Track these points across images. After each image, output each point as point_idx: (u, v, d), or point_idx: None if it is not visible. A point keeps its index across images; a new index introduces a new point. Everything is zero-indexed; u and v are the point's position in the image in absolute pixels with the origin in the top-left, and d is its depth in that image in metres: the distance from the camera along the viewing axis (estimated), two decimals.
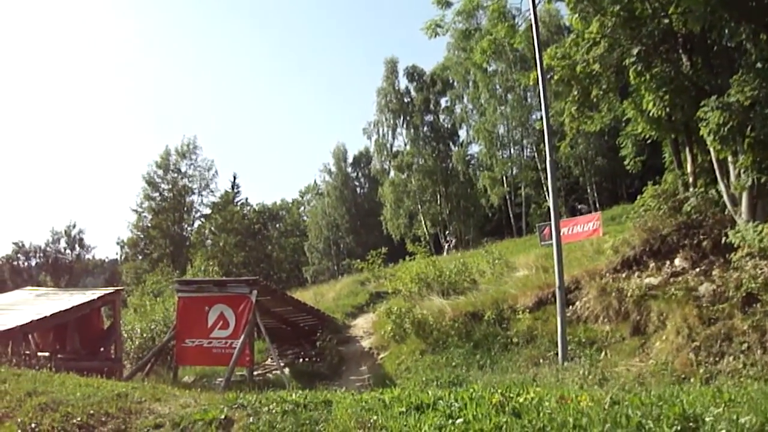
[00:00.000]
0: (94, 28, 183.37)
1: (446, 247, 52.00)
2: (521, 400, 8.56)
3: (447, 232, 58.51)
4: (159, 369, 26.05)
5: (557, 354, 18.61)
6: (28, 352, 21.17)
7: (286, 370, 25.53)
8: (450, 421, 8.03)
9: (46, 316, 21.31)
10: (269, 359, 27.41)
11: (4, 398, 10.85)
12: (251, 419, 9.42)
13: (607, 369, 16.48)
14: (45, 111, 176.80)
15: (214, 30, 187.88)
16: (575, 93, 23.15)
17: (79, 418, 9.85)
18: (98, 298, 24.79)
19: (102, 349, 24.84)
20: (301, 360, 28.37)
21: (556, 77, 23.64)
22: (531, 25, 22.39)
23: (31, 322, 20.71)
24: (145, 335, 29.62)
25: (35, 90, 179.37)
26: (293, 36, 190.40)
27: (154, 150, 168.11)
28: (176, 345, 24.73)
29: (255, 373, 24.99)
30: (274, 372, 26.04)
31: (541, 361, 19.24)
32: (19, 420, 9.85)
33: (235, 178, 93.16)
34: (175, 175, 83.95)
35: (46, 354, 21.73)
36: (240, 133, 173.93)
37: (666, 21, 20.96)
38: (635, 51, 20.92)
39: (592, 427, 7.15)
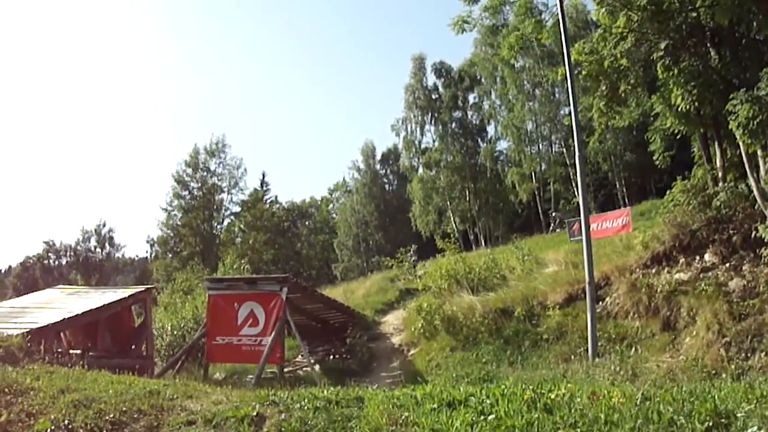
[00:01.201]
0: (126, 29, 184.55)
1: (553, 224, 51.49)
2: (553, 396, 8.53)
3: (553, 212, 56.82)
4: (190, 366, 26.12)
5: (587, 350, 18.58)
6: (60, 349, 21.28)
7: (317, 367, 25.58)
8: (482, 417, 8.01)
9: (77, 314, 21.36)
10: (299, 356, 27.43)
11: (37, 395, 10.95)
12: (283, 416, 9.40)
13: (638, 365, 16.42)
14: (76, 111, 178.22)
15: (242, 30, 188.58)
16: (603, 88, 23.05)
17: (111, 415, 9.91)
18: (129, 296, 24.86)
19: (133, 346, 24.93)
20: (331, 357, 28.42)
21: (584, 72, 23.56)
22: (558, 20, 22.33)
23: (63, 320, 20.75)
24: (175, 333, 29.69)
25: (67, 90, 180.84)
26: (322, 33, 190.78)
27: (183, 149, 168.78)
28: (207, 342, 24.79)
29: (285, 370, 25.01)
30: (304, 369, 26.06)
31: (571, 357, 19.22)
32: (52, 417, 9.94)
33: (264, 176, 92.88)
34: (205, 173, 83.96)
35: (78, 351, 21.81)
36: (269, 131, 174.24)
37: (694, 14, 20.84)
38: (663, 45, 20.80)
39: (624, 423, 7.15)
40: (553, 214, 53.68)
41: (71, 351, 22.12)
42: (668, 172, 38.89)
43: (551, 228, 49.91)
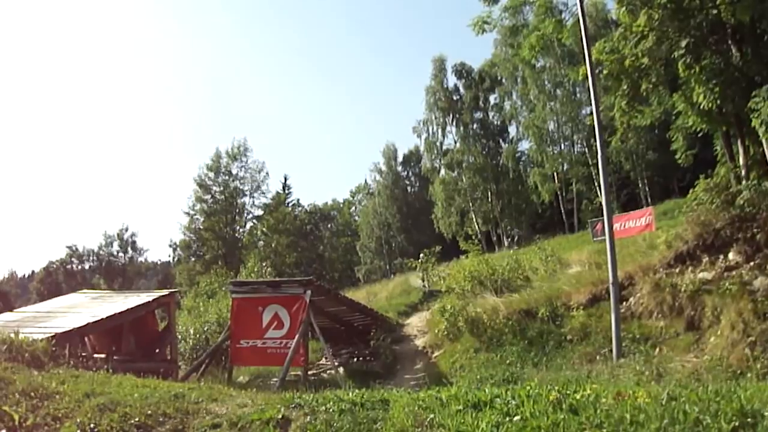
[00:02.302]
0: (149, 33, 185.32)
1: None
2: (578, 396, 8.45)
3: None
4: (213, 370, 26.21)
5: (611, 350, 18.48)
6: (84, 353, 21.37)
7: (341, 370, 25.67)
8: (507, 418, 7.96)
9: (102, 319, 21.42)
10: (323, 359, 27.47)
11: (63, 399, 10.97)
12: (308, 418, 9.39)
13: (662, 365, 16.29)
14: (100, 117, 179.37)
15: (264, 35, 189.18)
16: (625, 87, 23.01)
17: (137, 419, 9.94)
18: (153, 300, 24.89)
19: (157, 350, 25.00)
20: (355, 359, 28.48)
21: (605, 72, 23.54)
22: (578, 19, 22.21)
23: (87, 324, 20.82)
24: (199, 336, 29.89)
25: (91, 96, 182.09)
26: (343, 37, 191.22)
27: (205, 153, 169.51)
28: (231, 345, 24.87)
29: (309, 372, 25.00)
30: (328, 371, 26.12)
31: (595, 357, 19.10)
32: (78, 420, 9.97)
33: (286, 179, 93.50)
34: (227, 177, 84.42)
35: (103, 356, 21.90)
36: (291, 134, 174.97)
37: (714, 12, 20.74)
38: (684, 43, 20.74)
39: (650, 423, 7.10)
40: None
41: (96, 355, 22.21)
42: (691, 171, 38.72)
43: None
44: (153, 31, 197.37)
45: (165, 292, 26.90)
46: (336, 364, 25.40)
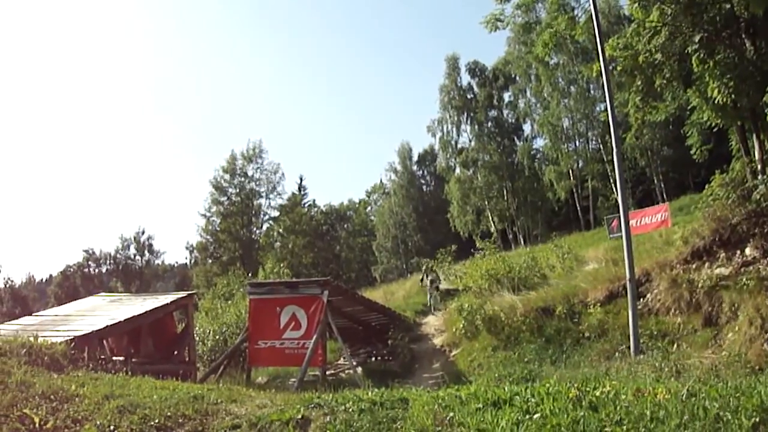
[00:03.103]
0: (162, 35, 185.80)
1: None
2: (597, 393, 8.44)
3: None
4: (232, 371, 26.27)
5: (629, 347, 18.44)
6: (103, 356, 21.46)
7: (359, 369, 25.68)
8: (527, 416, 7.94)
9: (120, 321, 21.49)
10: (341, 359, 27.52)
11: (83, 401, 11.03)
12: (328, 418, 9.39)
13: (680, 361, 16.25)
14: (114, 120, 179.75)
15: (277, 33, 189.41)
16: (639, 83, 22.97)
17: (156, 420, 9.98)
18: (171, 302, 24.95)
19: (176, 352, 25.08)
20: (373, 359, 28.50)
21: (619, 68, 23.49)
22: (591, 16, 22.21)
23: (106, 327, 20.90)
24: (217, 338, 29.99)
25: (105, 100, 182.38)
26: (357, 35, 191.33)
27: (220, 154, 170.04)
28: (249, 346, 24.93)
29: (328, 372, 25.02)
30: (346, 371, 26.17)
31: (613, 354, 19.07)
32: (98, 422, 10.03)
33: (301, 180, 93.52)
34: (242, 179, 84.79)
35: (121, 358, 21.99)
36: (305, 135, 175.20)
37: (727, 6, 20.70)
38: (697, 38, 20.66)
39: (670, 420, 7.10)
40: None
41: (114, 357, 22.32)
42: (706, 166, 38.57)
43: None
44: (170, 33, 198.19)
45: (183, 294, 27.00)
46: (354, 363, 25.41)
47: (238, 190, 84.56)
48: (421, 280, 35.56)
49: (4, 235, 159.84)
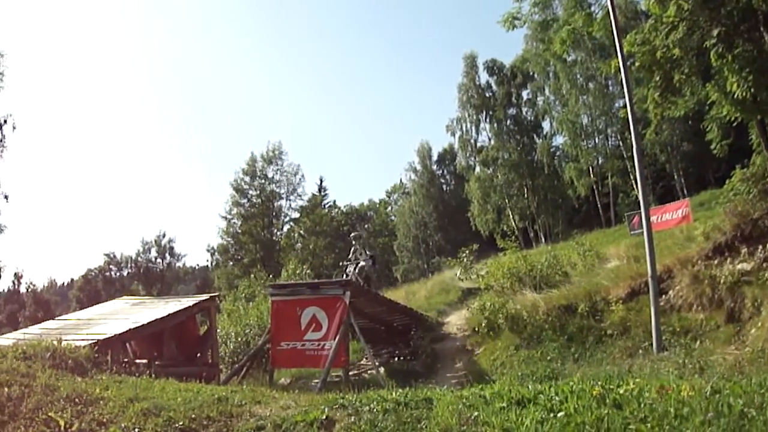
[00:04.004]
0: (180, 39, 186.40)
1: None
2: (621, 391, 8.43)
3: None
4: (254, 372, 26.34)
5: (652, 344, 18.42)
6: (126, 359, 21.59)
7: (381, 370, 25.65)
8: (551, 414, 7.94)
9: (143, 324, 21.56)
10: (364, 359, 27.48)
11: (107, 404, 11.11)
12: (352, 419, 9.40)
13: (703, 358, 16.20)
14: (132, 123, 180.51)
15: (293, 33, 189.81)
16: (657, 79, 22.89)
17: (181, 423, 10.04)
18: (194, 305, 24.98)
19: (199, 354, 25.17)
20: (395, 359, 28.53)
21: (637, 64, 23.42)
22: (608, 12, 22.18)
23: (128, 330, 20.99)
24: (239, 339, 30.09)
25: (124, 104, 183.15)
26: (373, 36, 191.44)
27: (239, 157, 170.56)
28: (271, 348, 24.97)
29: (350, 373, 25.08)
30: (369, 372, 26.17)
31: (636, 352, 19.05)
32: (122, 425, 10.11)
33: (321, 181, 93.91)
34: (262, 181, 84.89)
35: (144, 361, 22.09)
36: (325, 136, 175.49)
37: None
38: (715, 32, 20.57)
39: (694, 417, 7.08)
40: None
41: (137, 360, 22.45)
42: (727, 161, 38.37)
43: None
44: (189, 35, 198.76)
45: (205, 296, 27.04)
46: (377, 364, 25.42)
47: (258, 192, 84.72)
48: (345, 268, 32.09)
49: (27, 239, 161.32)
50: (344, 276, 26.58)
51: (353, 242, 32.17)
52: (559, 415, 7.88)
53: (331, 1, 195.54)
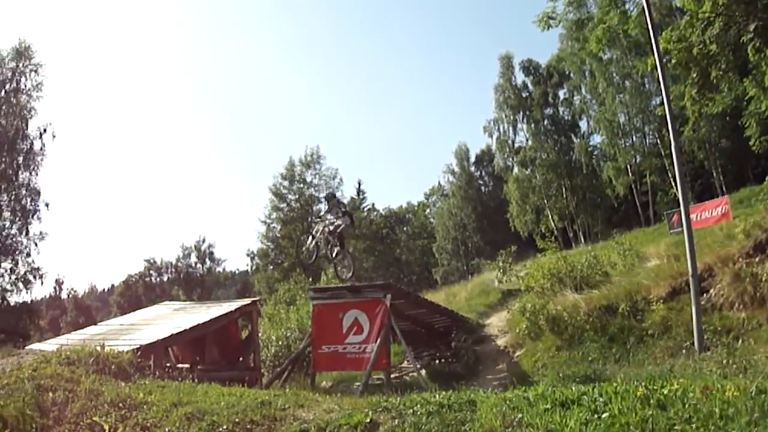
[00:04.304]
0: (217, 47, 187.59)
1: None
2: (665, 392, 8.36)
3: None
4: (296, 376, 26.49)
5: (693, 344, 18.32)
6: (168, 364, 21.82)
7: (423, 372, 25.68)
8: (595, 416, 7.91)
9: (185, 329, 21.79)
10: (405, 362, 27.57)
11: (151, 409, 11.26)
12: (396, 422, 9.39)
13: (746, 357, 16.10)
14: (174, 128, 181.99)
15: (329, 37, 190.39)
16: (694, 75, 22.75)
17: (225, 427, 10.13)
18: (236, 309, 25.15)
19: (241, 358, 25.33)
20: (436, 361, 28.55)
21: (673, 61, 23.30)
22: (643, 9, 22.11)
23: (171, 335, 21.24)
24: (280, 343, 30.32)
25: (165, 108, 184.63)
26: (409, 38, 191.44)
27: (277, 162, 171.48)
28: (313, 351, 25.22)
29: (392, 376, 25.16)
30: (410, 374, 26.25)
31: (678, 351, 18.96)
32: (167, 429, 10.24)
33: (360, 184, 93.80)
34: (301, 185, 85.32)
35: (187, 365, 22.30)
36: (362, 140, 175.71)
37: None
38: (752, 27, 20.40)
39: (740, 417, 7.05)
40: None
41: (179, 365, 22.67)
42: (765, 157, 38.14)
43: None
44: (227, 41, 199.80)
45: (247, 301, 27.24)
46: (418, 366, 25.44)
47: (297, 196, 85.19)
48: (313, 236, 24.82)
49: (68, 246, 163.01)
50: (310, 238, 24.41)
51: (326, 202, 30.88)
52: (603, 416, 7.87)
53: (365, 5, 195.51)
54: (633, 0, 27.85)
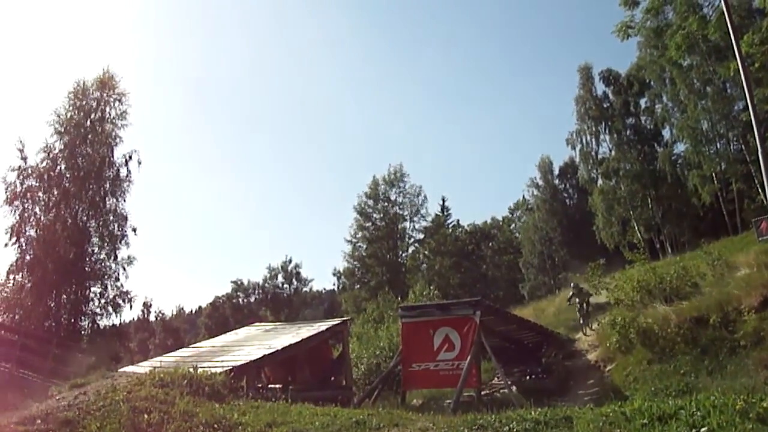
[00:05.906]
0: (300, 69, 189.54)
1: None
2: (765, 405, 8.35)
3: None
4: (386, 394, 26.63)
5: None
6: (260, 384, 22.16)
7: (513, 388, 25.63)
8: (693, 430, 7.94)
9: (278, 350, 22.17)
10: (495, 378, 27.55)
11: (245, 430, 11.53)
12: None
13: None
14: (258, 149, 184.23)
15: (409, 54, 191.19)
16: None
17: None
18: (327, 329, 25.52)
19: (332, 378, 25.58)
20: (527, 377, 28.42)
21: (756, 64, 23.08)
22: (722, 14, 21.96)
23: (263, 356, 21.59)
24: (370, 362, 30.48)
25: (247, 130, 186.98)
26: (490, 53, 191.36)
27: (361, 181, 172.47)
28: (403, 369, 25.30)
29: (483, 392, 25.19)
30: (501, 391, 26.17)
31: None
32: None
33: (444, 201, 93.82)
34: (386, 203, 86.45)
35: (279, 386, 22.61)
36: (444, 156, 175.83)
37: None
38: None
39: None
40: None
41: (270, 385, 22.99)
42: None
43: None
44: (303, 64, 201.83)
45: (338, 321, 27.61)
46: (509, 383, 25.41)
47: (382, 215, 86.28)
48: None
49: (155, 269, 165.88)
50: None
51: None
52: (702, 430, 7.87)
53: (446, 20, 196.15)
54: (711, 4, 27.70)
